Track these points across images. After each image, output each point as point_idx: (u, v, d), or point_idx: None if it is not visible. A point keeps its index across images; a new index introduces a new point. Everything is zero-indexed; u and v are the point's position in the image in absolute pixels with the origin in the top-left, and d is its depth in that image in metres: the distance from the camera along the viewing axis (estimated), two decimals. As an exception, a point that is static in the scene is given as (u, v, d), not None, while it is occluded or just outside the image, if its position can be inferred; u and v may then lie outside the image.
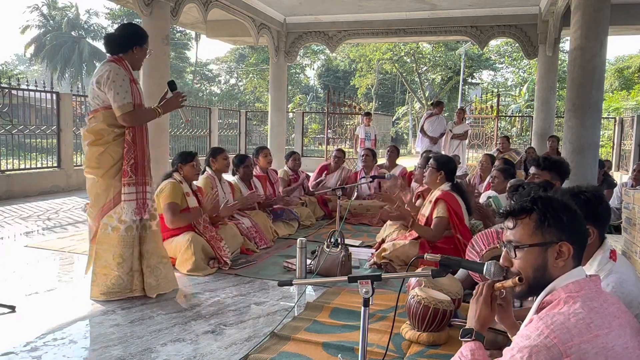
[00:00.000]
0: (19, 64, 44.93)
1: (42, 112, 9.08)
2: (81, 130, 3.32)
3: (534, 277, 1.44)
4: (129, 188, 3.21)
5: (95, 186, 3.23)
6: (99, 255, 3.22)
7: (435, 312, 2.61)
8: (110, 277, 3.21)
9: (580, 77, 5.68)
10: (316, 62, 38.13)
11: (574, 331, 1.25)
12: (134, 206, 3.22)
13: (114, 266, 3.20)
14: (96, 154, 3.19)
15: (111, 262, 3.20)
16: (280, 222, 5.37)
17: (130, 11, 26.43)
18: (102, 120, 3.17)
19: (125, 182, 3.20)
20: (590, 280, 1.39)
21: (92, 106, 3.23)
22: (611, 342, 1.26)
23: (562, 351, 1.23)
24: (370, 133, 10.53)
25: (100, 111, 3.18)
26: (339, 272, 3.75)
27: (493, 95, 16.99)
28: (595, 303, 1.32)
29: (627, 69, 25.23)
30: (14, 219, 5.94)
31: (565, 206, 1.45)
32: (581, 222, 1.46)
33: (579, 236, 1.44)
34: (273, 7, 10.69)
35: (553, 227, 1.42)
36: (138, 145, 3.24)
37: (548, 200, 1.46)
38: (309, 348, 2.57)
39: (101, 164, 3.18)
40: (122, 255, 3.20)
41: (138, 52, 3.26)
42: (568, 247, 1.41)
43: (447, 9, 10.38)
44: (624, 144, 12.68)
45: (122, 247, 3.20)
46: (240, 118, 14.82)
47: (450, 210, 3.87)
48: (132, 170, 3.21)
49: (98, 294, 3.23)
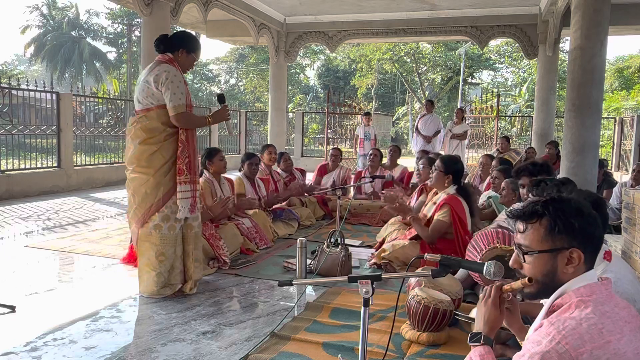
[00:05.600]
0: (19, 64, 44.89)
1: (42, 112, 9.09)
2: (130, 128, 3.30)
3: (544, 281, 1.42)
4: (184, 186, 3.26)
5: (144, 185, 3.24)
6: (142, 253, 3.29)
7: (435, 312, 2.61)
8: (152, 275, 3.27)
9: (580, 77, 5.67)
10: (316, 62, 38.11)
11: (586, 337, 1.23)
12: (189, 204, 3.28)
13: (156, 264, 3.26)
14: (147, 153, 3.22)
15: (154, 260, 3.26)
16: (280, 222, 5.37)
17: (130, 11, 26.44)
18: (155, 119, 3.22)
19: (182, 181, 3.25)
20: (601, 284, 1.37)
21: (144, 105, 3.25)
22: (623, 348, 1.24)
23: (574, 357, 1.21)
24: (369, 133, 10.52)
25: (153, 110, 3.22)
26: (339, 272, 3.74)
27: (493, 95, 16.99)
28: (606, 307, 1.30)
29: (627, 69, 25.24)
30: (14, 219, 5.94)
31: (577, 210, 1.41)
32: (594, 226, 1.41)
33: (591, 241, 1.40)
34: (273, 7, 10.70)
35: (564, 233, 1.38)
36: (190, 144, 3.31)
37: (560, 205, 1.42)
38: (309, 348, 2.57)
39: (152, 163, 3.22)
40: (164, 253, 3.26)
41: (183, 57, 3.32)
42: (579, 254, 1.38)
43: (447, 9, 10.38)
44: (624, 144, 12.68)
45: (164, 246, 3.26)
46: (240, 118, 14.82)
47: (454, 216, 3.83)
48: (187, 168, 3.27)
49: (144, 290, 3.29)
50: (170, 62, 3.27)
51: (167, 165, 3.25)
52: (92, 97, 10.80)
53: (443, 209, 3.89)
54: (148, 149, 3.22)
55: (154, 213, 3.23)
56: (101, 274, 3.85)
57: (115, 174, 9.53)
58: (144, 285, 3.31)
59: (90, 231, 5.33)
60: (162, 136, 3.23)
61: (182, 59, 3.33)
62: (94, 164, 9.69)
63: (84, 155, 9.78)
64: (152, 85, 3.19)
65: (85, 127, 9.92)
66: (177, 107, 3.17)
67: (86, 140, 9.71)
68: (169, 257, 3.28)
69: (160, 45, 3.30)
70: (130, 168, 3.30)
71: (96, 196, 7.94)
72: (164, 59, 3.28)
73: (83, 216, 6.23)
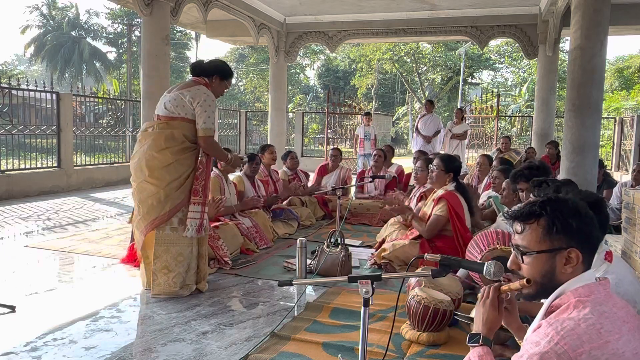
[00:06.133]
0: (19, 64, 44.89)
1: (42, 112, 9.09)
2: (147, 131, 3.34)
3: (542, 282, 1.42)
4: (196, 207, 3.34)
5: (152, 197, 3.26)
6: (157, 256, 3.31)
7: (435, 312, 2.61)
8: (171, 276, 3.29)
9: (580, 77, 5.67)
10: (316, 62, 38.13)
11: (584, 337, 1.23)
12: (197, 224, 3.33)
13: (174, 265, 3.29)
14: (163, 164, 3.25)
15: (171, 261, 3.29)
16: (280, 222, 5.37)
17: (130, 11, 26.44)
18: (178, 128, 3.27)
19: (195, 201, 3.33)
20: (599, 284, 1.37)
21: (170, 112, 3.29)
22: (621, 348, 1.24)
23: (572, 358, 1.21)
24: (369, 133, 10.52)
25: (178, 120, 3.28)
26: (339, 272, 3.74)
27: (493, 95, 17.00)
28: (605, 307, 1.30)
29: (627, 69, 25.25)
30: (14, 219, 5.94)
31: (575, 210, 1.41)
32: (592, 226, 1.42)
33: (589, 241, 1.41)
34: (273, 7, 10.70)
35: (562, 233, 1.39)
36: (208, 168, 3.44)
37: (557, 205, 1.43)
38: (309, 348, 2.57)
39: (165, 176, 3.25)
40: (182, 253, 3.31)
41: (216, 83, 3.44)
42: (577, 254, 1.38)
43: (447, 9, 10.38)
44: (624, 144, 12.67)
45: (181, 246, 3.31)
46: (240, 118, 14.82)
47: (451, 210, 3.85)
48: (202, 190, 3.34)
49: (160, 291, 3.29)
50: (207, 86, 3.38)
51: (180, 179, 3.29)
52: (92, 97, 10.79)
53: (440, 203, 3.91)
54: (164, 160, 3.24)
55: (157, 226, 3.26)
56: (101, 274, 3.85)
57: (115, 174, 9.53)
58: (160, 287, 3.30)
59: (90, 231, 5.33)
60: (180, 148, 3.27)
61: (216, 84, 3.44)
62: (94, 164, 9.69)
63: (84, 155, 9.79)
64: (187, 100, 3.27)
65: (85, 127, 9.92)
66: (208, 130, 3.28)
67: (86, 140, 9.71)
68: (186, 257, 3.33)
69: (196, 69, 3.44)
70: (141, 177, 3.29)
71: (96, 196, 7.94)
72: (200, 81, 3.38)
73: (83, 216, 6.23)
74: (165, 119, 3.31)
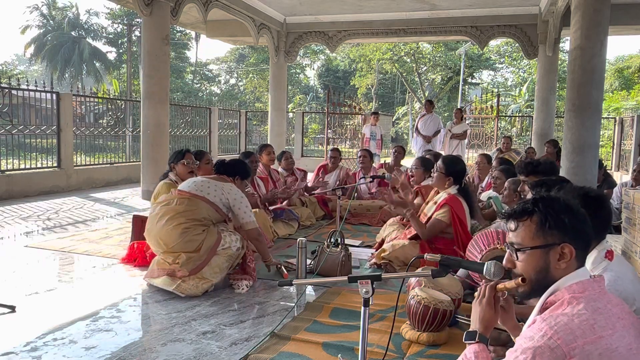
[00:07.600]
0: (19, 64, 44.87)
1: (42, 112, 9.08)
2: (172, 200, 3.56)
3: (537, 279, 1.44)
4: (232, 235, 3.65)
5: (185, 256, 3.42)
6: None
7: (435, 312, 2.61)
8: (202, 282, 3.36)
9: (580, 77, 5.67)
10: (316, 62, 38.13)
11: (577, 332, 1.24)
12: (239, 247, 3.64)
13: (211, 276, 3.41)
14: (184, 239, 3.41)
15: (208, 272, 3.41)
16: (280, 222, 5.37)
17: (130, 11, 26.44)
18: (202, 209, 3.51)
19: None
20: (594, 281, 1.38)
21: (200, 191, 3.55)
22: (615, 344, 1.25)
23: (565, 352, 1.22)
24: (375, 132, 10.54)
25: (204, 201, 3.53)
26: (339, 272, 3.74)
27: (493, 95, 16.99)
28: (599, 304, 1.32)
29: (627, 69, 25.25)
30: (14, 219, 5.94)
31: (567, 207, 1.44)
32: (584, 222, 1.44)
33: (582, 237, 1.43)
34: (273, 7, 10.70)
35: (555, 228, 1.41)
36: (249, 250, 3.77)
37: (550, 201, 1.45)
38: (309, 348, 2.57)
39: (195, 246, 3.43)
40: (220, 265, 3.47)
41: (238, 182, 3.82)
42: (570, 249, 1.40)
43: (447, 9, 10.38)
44: (624, 144, 12.67)
45: (226, 261, 3.51)
46: (240, 118, 14.81)
47: (454, 216, 3.83)
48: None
49: (182, 291, 3.30)
50: (233, 183, 3.76)
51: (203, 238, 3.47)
52: (92, 97, 10.79)
53: (443, 208, 3.89)
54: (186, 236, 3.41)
55: (203, 268, 3.40)
56: (101, 274, 3.85)
57: (115, 174, 9.53)
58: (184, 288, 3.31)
59: (90, 231, 5.33)
60: (200, 229, 3.45)
61: (237, 184, 3.80)
62: (94, 164, 9.69)
63: (84, 155, 9.78)
64: (224, 191, 3.59)
65: (85, 127, 9.92)
66: (252, 223, 3.66)
67: (86, 140, 9.71)
68: (223, 269, 3.50)
69: (221, 168, 3.82)
70: (164, 248, 3.47)
71: (96, 196, 7.94)
72: (227, 179, 3.75)
73: (83, 216, 6.23)
74: (191, 196, 3.53)
